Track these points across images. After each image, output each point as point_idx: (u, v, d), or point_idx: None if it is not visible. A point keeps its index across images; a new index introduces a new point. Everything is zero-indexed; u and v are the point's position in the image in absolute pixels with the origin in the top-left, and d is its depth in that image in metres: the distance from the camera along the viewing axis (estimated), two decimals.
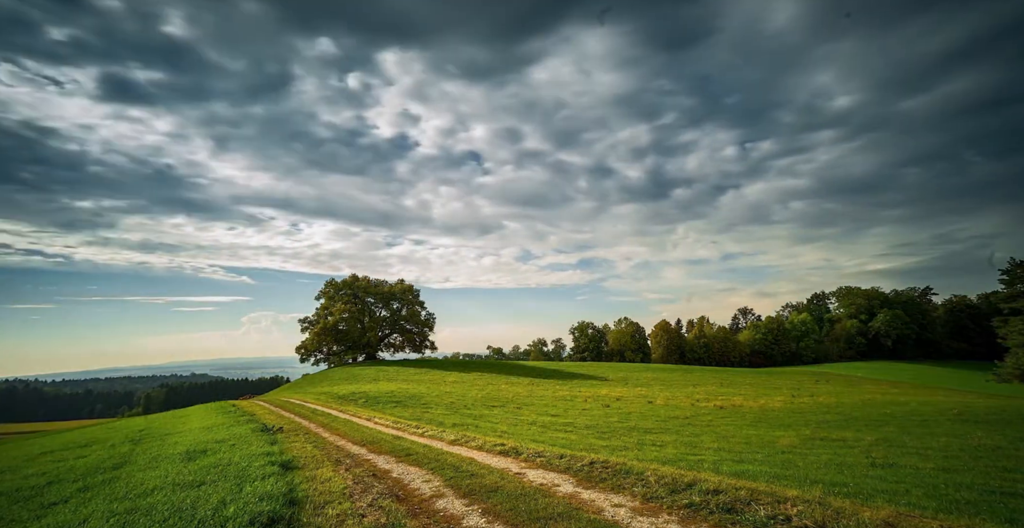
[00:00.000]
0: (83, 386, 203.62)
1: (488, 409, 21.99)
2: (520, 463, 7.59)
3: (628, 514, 4.85)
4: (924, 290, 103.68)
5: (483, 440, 10.02)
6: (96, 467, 9.72)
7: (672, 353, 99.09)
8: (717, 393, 33.18)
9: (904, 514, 4.41)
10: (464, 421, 16.67)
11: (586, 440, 12.61)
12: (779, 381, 46.94)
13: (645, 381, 44.39)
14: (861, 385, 44.53)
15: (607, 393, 31.86)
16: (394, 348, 73.60)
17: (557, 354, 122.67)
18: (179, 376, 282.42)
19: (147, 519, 5.28)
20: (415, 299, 73.61)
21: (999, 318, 57.91)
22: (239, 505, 5.41)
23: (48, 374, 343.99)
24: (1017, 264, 56.17)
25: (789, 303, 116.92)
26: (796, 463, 9.12)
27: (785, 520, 4.32)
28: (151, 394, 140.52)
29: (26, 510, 6.77)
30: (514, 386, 36.94)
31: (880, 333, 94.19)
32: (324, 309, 67.79)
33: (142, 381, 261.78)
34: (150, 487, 6.90)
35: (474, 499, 5.61)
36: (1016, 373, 51.23)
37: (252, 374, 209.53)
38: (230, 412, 19.68)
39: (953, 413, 17.30)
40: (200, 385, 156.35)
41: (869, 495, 6.02)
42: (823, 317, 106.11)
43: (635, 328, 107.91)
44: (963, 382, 53.49)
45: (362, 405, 21.98)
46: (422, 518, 5.07)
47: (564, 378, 45.93)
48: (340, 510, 5.25)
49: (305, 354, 66.67)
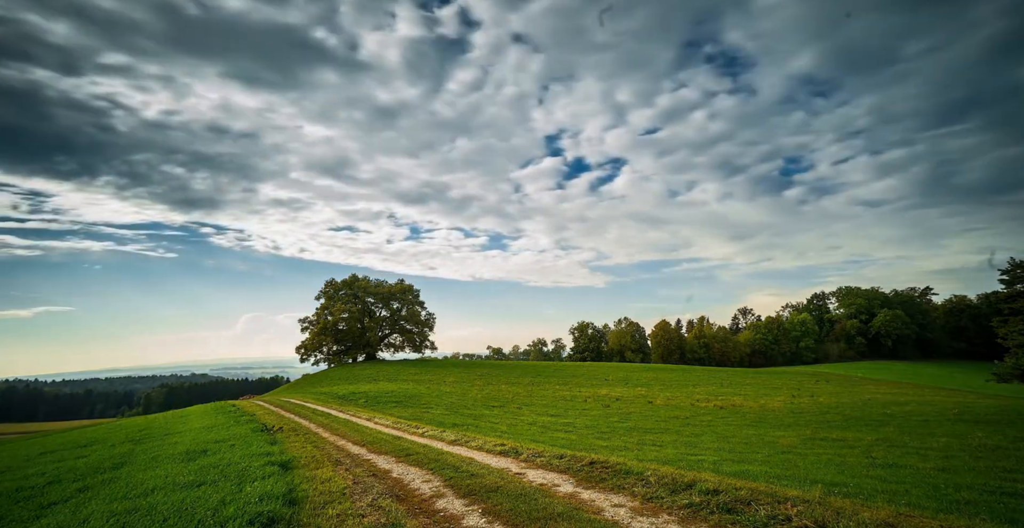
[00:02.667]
0: (83, 386, 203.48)
1: (488, 409, 22.00)
2: (520, 463, 7.59)
3: (628, 514, 4.85)
4: (924, 290, 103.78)
5: (483, 440, 10.02)
6: (96, 467, 9.72)
7: (672, 353, 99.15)
8: (717, 393, 33.18)
9: (904, 514, 4.41)
10: (464, 421, 16.66)
11: (586, 440, 12.61)
12: (779, 381, 46.93)
13: (645, 381, 44.38)
14: (861, 385, 44.53)
15: (607, 393, 31.85)
16: (394, 348, 73.62)
17: (557, 354, 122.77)
18: (179, 376, 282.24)
19: (147, 519, 5.28)
20: (415, 299, 73.64)
21: (999, 318, 57.87)
22: (239, 505, 5.41)
23: (48, 374, 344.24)
24: (1017, 264, 56.18)
25: (789, 303, 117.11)
26: (796, 463, 9.12)
27: (785, 520, 4.31)
28: (151, 394, 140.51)
29: (26, 510, 6.77)
30: (514, 386, 36.95)
31: (880, 333, 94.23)
32: (324, 309, 67.80)
33: (142, 381, 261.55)
34: (150, 487, 6.90)
35: (474, 499, 5.61)
36: (1016, 373, 51.13)
37: (252, 374, 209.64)
38: (230, 412, 19.68)
39: (953, 413, 17.30)
40: (200, 385, 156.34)
41: (869, 495, 6.02)
42: (823, 317, 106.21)
43: (635, 328, 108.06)
44: (963, 382, 53.47)
45: (362, 405, 21.98)
46: (422, 518, 5.07)
47: (564, 378, 45.91)
48: (340, 510, 5.25)
49: (305, 354, 66.71)
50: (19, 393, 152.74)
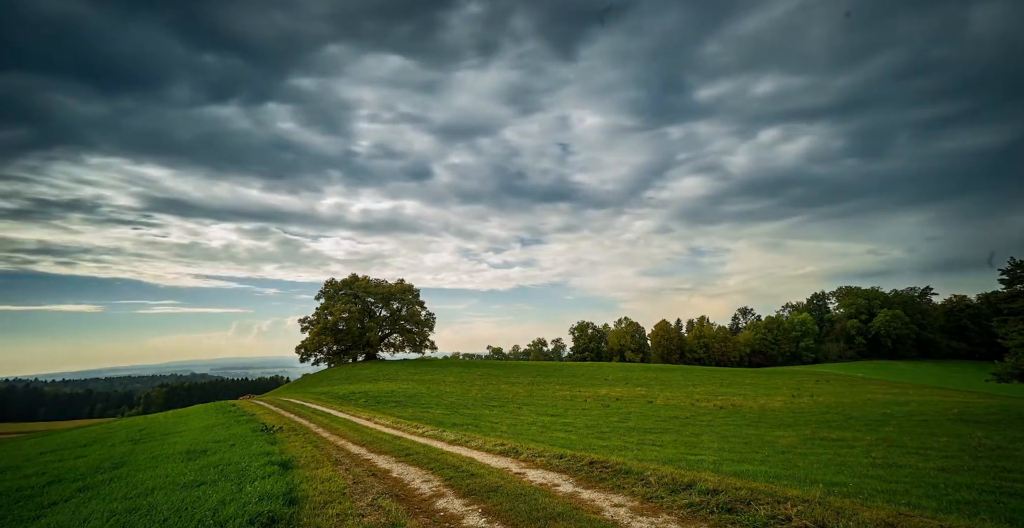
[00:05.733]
0: (83, 386, 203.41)
1: (488, 409, 22.00)
2: (520, 463, 7.59)
3: (628, 514, 4.85)
4: (924, 290, 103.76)
5: (483, 440, 10.02)
6: (96, 467, 9.72)
7: (672, 353, 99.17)
8: (717, 393, 33.17)
9: (904, 514, 4.41)
10: (464, 421, 16.66)
11: (586, 440, 12.61)
12: (779, 381, 46.93)
13: (645, 381, 44.38)
14: (861, 385, 44.53)
15: (607, 393, 31.85)
16: (394, 348, 73.60)
17: (557, 354, 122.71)
18: (179, 376, 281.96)
19: (147, 519, 5.28)
20: (415, 299, 73.61)
21: (999, 318, 57.91)
22: (239, 505, 5.41)
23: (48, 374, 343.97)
24: (1017, 264, 56.18)
25: (789, 303, 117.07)
26: (796, 463, 9.13)
27: (785, 520, 4.31)
28: (151, 394, 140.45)
29: (26, 510, 6.78)
30: (514, 386, 36.94)
31: (880, 333, 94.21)
32: (324, 309, 67.80)
33: (142, 381, 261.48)
34: (150, 487, 6.90)
35: (474, 499, 5.61)
36: (1016, 373, 51.16)
37: (252, 374, 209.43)
38: (230, 412, 19.69)
39: (953, 413, 17.29)
40: (200, 385, 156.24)
41: (869, 495, 6.02)
42: (823, 317, 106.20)
43: (635, 328, 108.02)
44: (963, 382, 53.48)
45: (362, 405, 21.97)
46: (422, 518, 5.07)
47: (564, 378, 45.91)
48: (340, 510, 5.25)
49: (305, 354, 66.70)
50: (19, 393, 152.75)
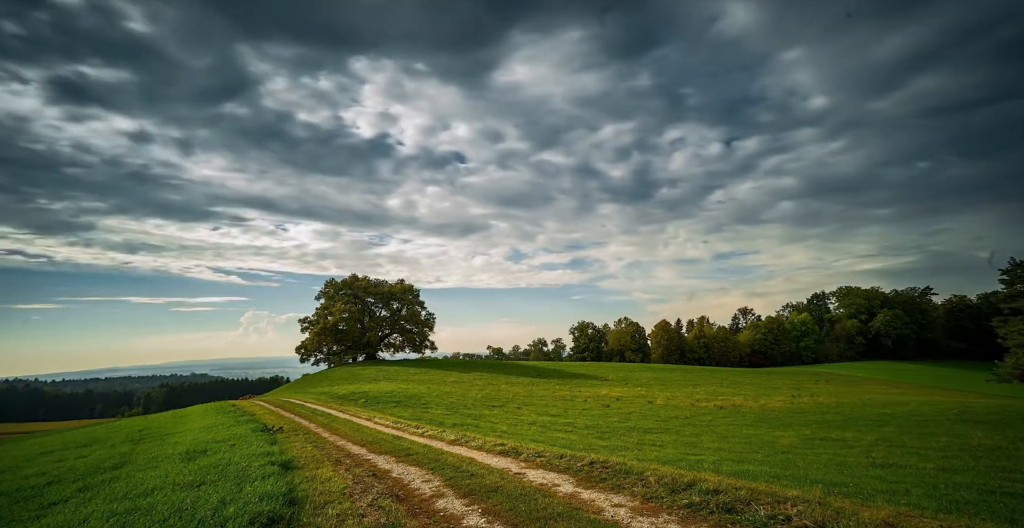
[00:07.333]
0: (83, 386, 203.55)
1: (488, 409, 22.00)
2: (520, 463, 7.59)
3: (628, 514, 4.85)
4: (924, 290, 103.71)
5: (483, 440, 10.02)
6: (96, 467, 9.72)
7: (672, 353, 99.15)
8: (717, 393, 33.17)
9: (904, 514, 4.41)
10: (464, 421, 16.66)
11: (586, 440, 12.61)
12: (779, 381, 46.94)
13: (645, 381, 44.39)
14: (861, 385, 44.54)
15: (607, 393, 31.86)
16: (394, 348, 73.60)
17: (557, 354, 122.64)
18: (179, 376, 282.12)
19: (147, 519, 5.28)
20: (415, 299, 73.61)
21: (999, 318, 57.98)
22: (239, 505, 5.41)
23: (48, 374, 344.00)
24: (1017, 264, 56.23)
25: (789, 303, 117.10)
26: (796, 463, 9.12)
27: (785, 520, 4.31)
28: (151, 394, 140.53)
29: (26, 510, 6.78)
30: (514, 386, 36.94)
31: (880, 333, 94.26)
32: (324, 309, 67.78)
33: (142, 381, 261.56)
34: (150, 487, 6.90)
35: (474, 499, 5.61)
36: (1016, 373, 51.28)
37: (252, 374, 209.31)
38: (230, 412, 19.67)
39: (953, 413, 17.29)
40: (200, 385, 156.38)
41: (869, 495, 6.02)
42: (823, 317, 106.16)
43: (635, 328, 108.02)
44: (963, 382, 53.49)
45: (362, 405, 21.97)
46: (422, 518, 5.07)
47: (564, 378, 45.91)
48: (340, 510, 5.25)
49: (305, 354, 66.70)
50: (19, 393, 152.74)
